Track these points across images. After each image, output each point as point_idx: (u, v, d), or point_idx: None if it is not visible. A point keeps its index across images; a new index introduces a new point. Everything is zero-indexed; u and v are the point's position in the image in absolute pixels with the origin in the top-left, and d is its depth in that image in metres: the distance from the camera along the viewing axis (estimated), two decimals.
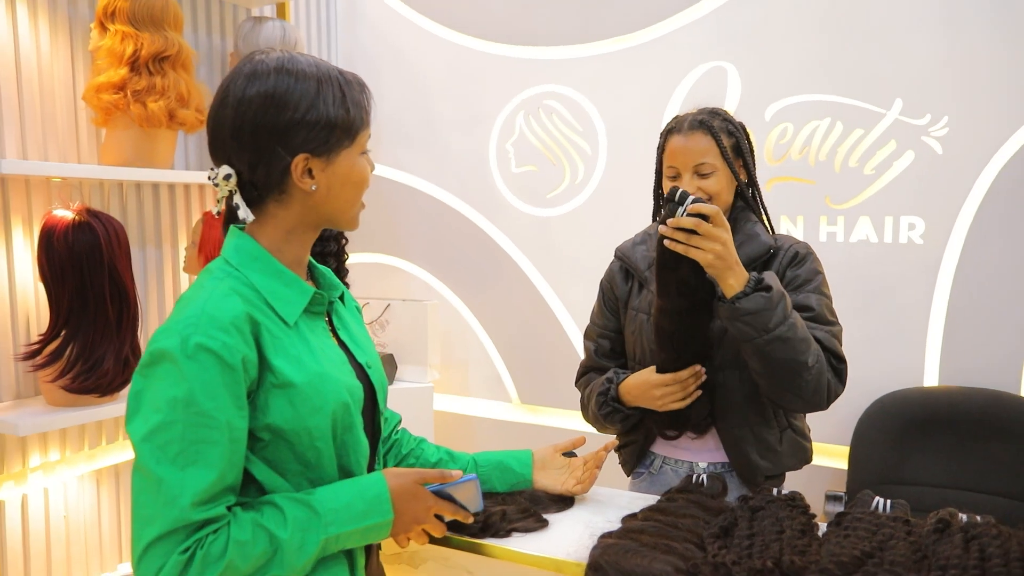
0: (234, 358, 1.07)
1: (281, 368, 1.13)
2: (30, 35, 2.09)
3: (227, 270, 1.17)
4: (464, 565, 1.60)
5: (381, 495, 1.18)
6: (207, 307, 1.09)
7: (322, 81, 1.16)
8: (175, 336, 1.07)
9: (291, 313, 1.18)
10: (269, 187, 1.17)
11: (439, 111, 3.13)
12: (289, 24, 2.57)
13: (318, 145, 1.16)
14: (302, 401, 1.14)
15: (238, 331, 1.09)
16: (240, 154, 1.16)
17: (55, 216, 1.94)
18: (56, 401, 2.01)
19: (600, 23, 2.79)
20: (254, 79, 1.15)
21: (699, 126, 1.72)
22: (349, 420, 1.21)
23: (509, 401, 3.11)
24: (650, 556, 1.29)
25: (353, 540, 1.17)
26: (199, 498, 1.04)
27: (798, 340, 1.56)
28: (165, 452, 1.04)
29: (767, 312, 1.53)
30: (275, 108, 1.13)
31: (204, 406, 1.05)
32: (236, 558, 1.05)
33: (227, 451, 1.07)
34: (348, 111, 1.18)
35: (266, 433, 1.13)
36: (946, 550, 1.25)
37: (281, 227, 1.20)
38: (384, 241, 3.28)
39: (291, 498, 1.13)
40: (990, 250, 2.31)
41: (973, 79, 2.29)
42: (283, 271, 1.19)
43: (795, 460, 1.78)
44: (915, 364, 2.42)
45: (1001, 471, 2.21)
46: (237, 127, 1.15)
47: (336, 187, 1.20)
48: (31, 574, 2.11)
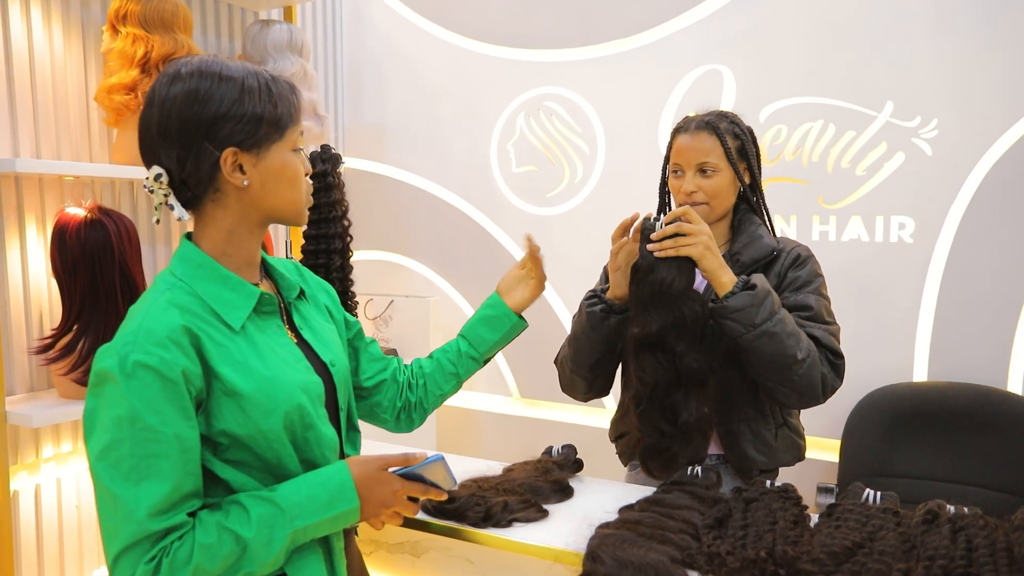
0: (173, 372, 1.07)
1: (227, 376, 1.13)
2: (44, 38, 2.13)
3: (171, 281, 1.17)
4: (465, 555, 1.64)
5: (344, 483, 1.19)
6: (144, 322, 1.09)
7: (247, 79, 1.16)
8: (114, 355, 1.07)
9: (236, 318, 1.17)
10: (201, 185, 1.16)
11: (442, 112, 3.16)
12: (296, 27, 2.60)
13: (245, 138, 1.15)
14: (252, 407, 1.14)
15: (175, 344, 1.09)
16: (168, 151, 1.15)
17: (68, 214, 1.96)
18: (68, 393, 2.04)
19: (599, 27, 2.83)
20: (177, 80, 1.15)
21: (705, 126, 1.76)
22: (308, 419, 1.21)
23: (510, 395, 3.15)
24: (646, 546, 1.32)
25: (323, 529, 1.18)
26: (155, 510, 1.05)
27: (786, 335, 1.59)
28: (118, 469, 1.05)
29: (752, 308, 1.58)
30: (199, 103, 1.13)
31: (149, 422, 1.05)
32: (203, 561, 1.06)
33: (179, 461, 1.07)
34: (276, 106, 1.18)
35: (223, 438, 1.14)
36: (934, 541, 1.27)
37: (222, 228, 1.20)
38: (388, 239, 3.31)
39: (255, 496, 1.14)
40: (978, 249, 2.35)
41: (963, 82, 2.33)
42: (228, 276, 1.19)
43: (789, 456, 1.81)
44: (905, 360, 2.46)
45: (988, 464, 2.25)
46: (163, 124, 1.14)
47: (270, 182, 1.19)
48: (44, 562, 2.14)
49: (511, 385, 3.14)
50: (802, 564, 1.24)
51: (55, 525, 2.17)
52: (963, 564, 1.21)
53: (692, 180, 1.76)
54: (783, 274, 1.76)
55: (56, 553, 2.18)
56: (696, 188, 1.75)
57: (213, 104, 1.14)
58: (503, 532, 1.52)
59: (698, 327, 1.63)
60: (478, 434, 3.14)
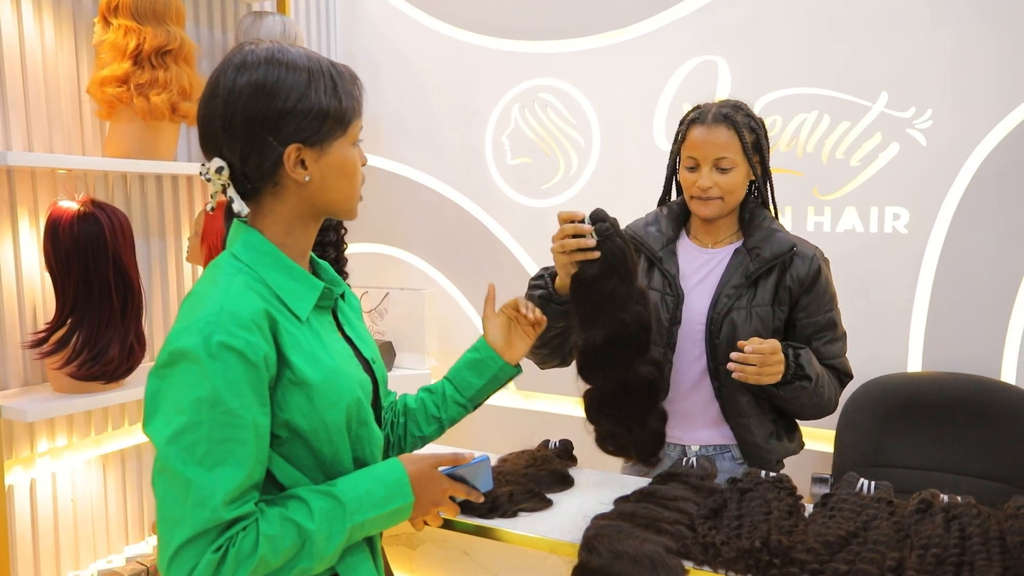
0: (256, 356, 1.06)
1: (298, 365, 1.11)
2: (35, 30, 2.11)
3: (237, 266, 1.15)
4: (461, 547, 1.64)
5: (400, 479, 1.18)
6: (226, 304, 1.07)
7: (313, 71, 1.13)
8: (196, 335, 1.04)
9: (303, 309, 1.16)
10: (262, 179, 1.14)
11: (436, 104, 3.15)
12: (289, 19, 2.59)
13: (310, 135, 1.13)
14: (319, 397, 1.13)
15: (259, 328, 1.07)
16: (232, 145, 1.13)
17: (60, 207, 1.96)
18: (63, 388, 2.03)
19: (593, 18, 2.82)
20: (244, 69, 1.12)
21: (723, 120, 1.73)
22: (363, 414, 1.21)
23: (506, 387, 3.15)
24: (642, 537, 1.32)
25: (377, 526, 1.17)
26: (230, 497, 1.02)
27: (824, 399, 1.74)
28: (192, 453, 1.02)
29: (805, 394, 1.69)
30: (266, 97, 1.11)
31: (230, 405, 1.03)
32: (267, 552, 1.04)
33: (254, 449, 1.05)
34: (340, 101, 1.15)
35: (283, 430, 1.12)
36: (927, 529, 1.29)
37: (281, 221, 1.18)
38: (383, 231, 3.31)
39: (314, 490, 1.13)
40: (972, 239, 2.36)
41: (957, 73, 2.33)
42: (292, 266, 1.17)
43: (794, 445, 1.87)
44: (899, 350, 2.47)
45: (981, 454, 2.26)
46: (228, 118, 1.12)
47: (330, 178, 1.17)
48: (39, 556, 2.15)
49: None
50: (796, 553, 1.25)
51: (50, 520, 2.17)
52: (956, 553, 1.22)
53: (709, 176, 1.73)
54: (808, 284, 1.77)
55: (51, 548, 2.18)
56: (713, 184, 1.73)
57: (280, 98, 1.11)
58: (501, 523, 1.53)
59: (644, 331, 1.60)
60: (474, 426, 3.12)
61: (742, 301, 1.75)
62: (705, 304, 1.78)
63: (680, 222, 1.88)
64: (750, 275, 1.75)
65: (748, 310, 1.74)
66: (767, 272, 1.75)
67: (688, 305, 1.79)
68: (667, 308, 1.79)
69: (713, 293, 1.78)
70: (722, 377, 1.73)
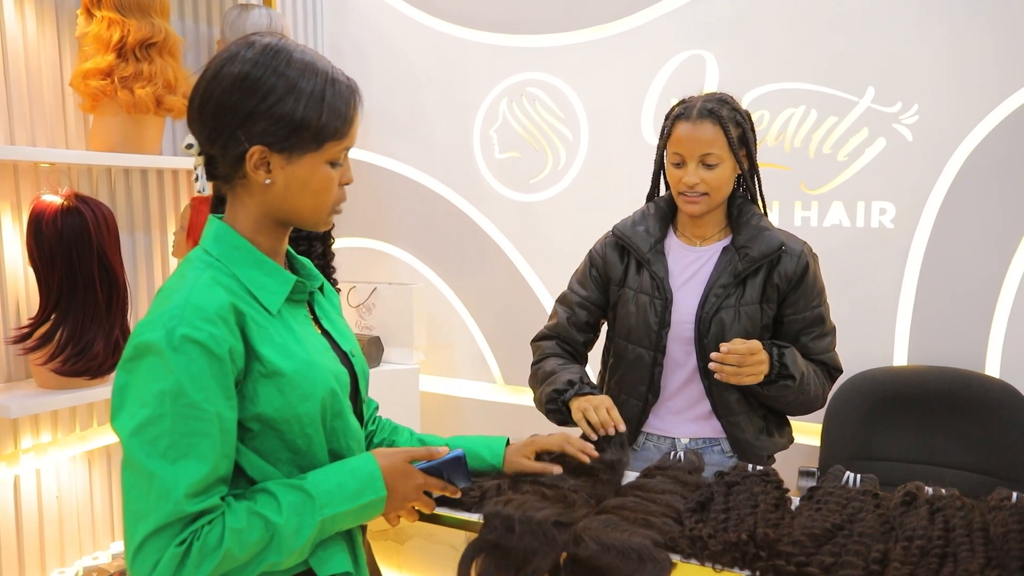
0: (221, 348, 1.06)
1: (269, 357, 1.11)
2: (16, 21, 2.09)
3: (207, 260, 1.15)
4: (449, 541, 1.63)
5: (372, 473, 1.18)
6: (191, 297, 1.07)
7: (303, 81, 1.12)
8: (160, 328, 1.04)
9: (274, 302, 1.16)
10: (229, 168, 1.15)
11: (425, 98, 3.14)
12: (276, 12, 2.57)
13: (277, 141, 1.12)
14: (291, 389, 1.13)
15: (223, 321, 1.07)
16: (200, 127, 1.15)
17: (44, 201, 1.94)
18: (47, 383, 2.02)
19: (581, 12, 2.82)
20: (234, 60, 1.12)
21: (708, 115, 1.72)
22: (338, 406, 1.20)
23: (493, 382, 3.15)
24: (629, 530, 1.32)
25: (349, 520, 1.17)
26: (193, 490, 1.02)
27: (811, 396, 1.76)
28: (155, 446, 1.01)
29: (789, 392, 1.72)
30: (242, 92, 1.11)
31: (193, 398, 1.03)
32: (233, 546, 1.04)
33: (218, 442, 1.05)
34: (320, 116, 1.13)
35: (255, 423, 1.12)
36: (912, 521, 1.29)
37: (251, 216, 1.18)
38: (371, 226, 3.30)
39: (284, 484, 1.13)
40: (958, 234, 2.37)
41: (944, 69, 2.34)
42: (264, 260, 1.18)
43: (785, 440, 1.87)
44: (885, 344, 2.48)
45: (966, 447, 2.28)
46: (204, 100, 1.13)
47: (294, 188, 1.15)
48: (24, 553, 2.13)
49: (495, 371, 3.14)
50: (783, 546, 1.25)
51: (35, 517, 2.16)
52: (940, 544, 1.22)
53: (695, 172, 1.73)
54: (797, 280, 1.77)
55: (36, 545, 2.17)
56: (699, 180, 1.73)
57: (256, 97, 1.11)
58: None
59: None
60: (461, 420, 3.15)
61: (730, 300, 1.75)
62: (693, 304, 1.78)
63: (668, 219, 1.88)
64: (738, 274, 1.75)
65: (736, 309, 1.75)
66: (755, 270, 1.76)
67: (676, 305, 1.79)
68: (655, 311, 1.79)
69: (701, 293, 1.78)
70: (711, 376, 1.73)
